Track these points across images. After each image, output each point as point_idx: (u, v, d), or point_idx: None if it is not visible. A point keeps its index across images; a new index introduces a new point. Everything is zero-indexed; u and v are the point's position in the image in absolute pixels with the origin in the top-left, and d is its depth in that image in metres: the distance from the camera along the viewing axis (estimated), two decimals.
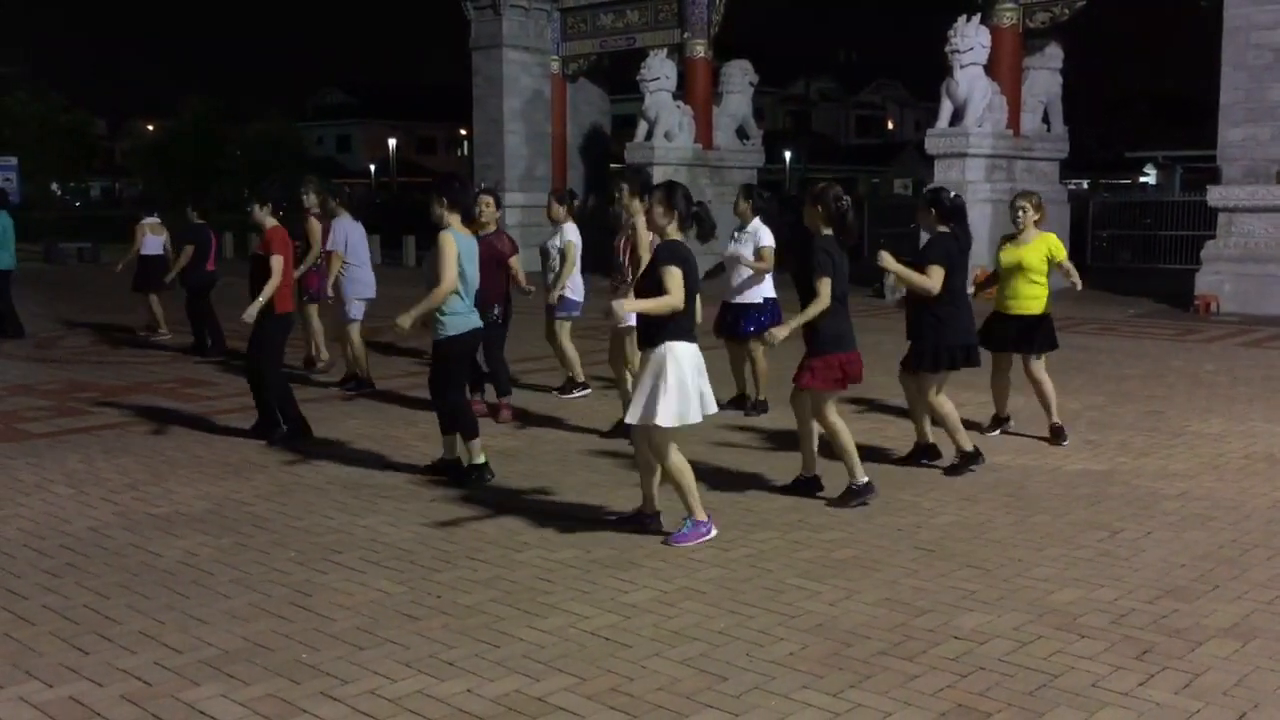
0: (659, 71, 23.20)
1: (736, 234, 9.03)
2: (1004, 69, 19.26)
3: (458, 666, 4.34)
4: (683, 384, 5.59)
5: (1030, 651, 4.44)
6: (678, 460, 5.78)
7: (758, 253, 8.77)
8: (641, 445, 5.90)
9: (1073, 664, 4.32)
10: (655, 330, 5.65)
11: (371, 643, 4.58)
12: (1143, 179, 43.27)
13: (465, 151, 57.29)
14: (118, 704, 4.04)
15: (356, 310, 10.35)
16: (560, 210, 9.66)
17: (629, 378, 7.84)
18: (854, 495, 6.42)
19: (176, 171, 43.60)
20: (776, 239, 8.88)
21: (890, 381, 8.43)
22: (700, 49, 24.01)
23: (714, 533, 5.87)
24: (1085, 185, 39.75)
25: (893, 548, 5.76)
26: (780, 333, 6.36)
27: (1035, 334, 7.98)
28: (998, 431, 8.30)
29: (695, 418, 5.70)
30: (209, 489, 7.02)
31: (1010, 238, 8.06)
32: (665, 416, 5.57)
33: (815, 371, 6.31)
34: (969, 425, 7.58)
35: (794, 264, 6.49)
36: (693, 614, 4.86)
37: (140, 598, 5.12)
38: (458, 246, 6.79)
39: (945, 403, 7.15)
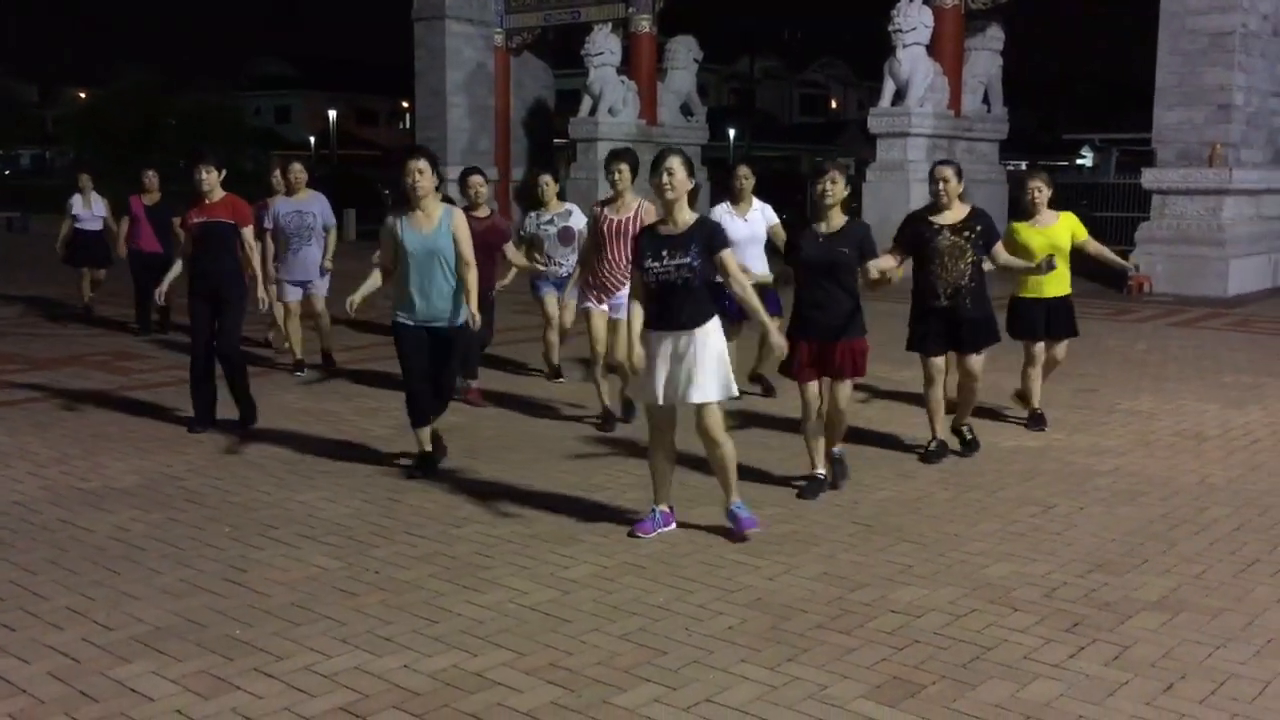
0: (603, 46, 23.08)
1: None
2: (946, 49, 19.43)
3: (395, 642, 4.31)
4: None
5: (964, 625, 4.50)
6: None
7: (772, 229, 8.26)
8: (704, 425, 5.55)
9: (1005, 637, 4.39)
10: (710, 309, 5.45)
11: (307, 619, 4.53)
12: (1079, 161, 43.87)
13: (407, 124, 56.63)
14: (44, 681, 3.96)
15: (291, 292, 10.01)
16: (555, 190, 9.17)
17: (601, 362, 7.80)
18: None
19: (112, 141, 42.57)
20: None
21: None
22: (645, 24, 23.92)
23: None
24: (1024, 166, 40.21)
25: (831, 523, 5.81)
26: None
27: (1067, 316, 7.84)
28: (1044, 428, 7.82)
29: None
30: (141, 463, 6.89)
31: (1022, 220, 7.78)
32: (734, 387, 5.55)
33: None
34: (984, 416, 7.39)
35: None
36: (632, 589, 4.87)
37: (69, 573, 5.01)
38: None
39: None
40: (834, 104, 70.23)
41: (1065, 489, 6.46)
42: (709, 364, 5.37)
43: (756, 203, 8.28)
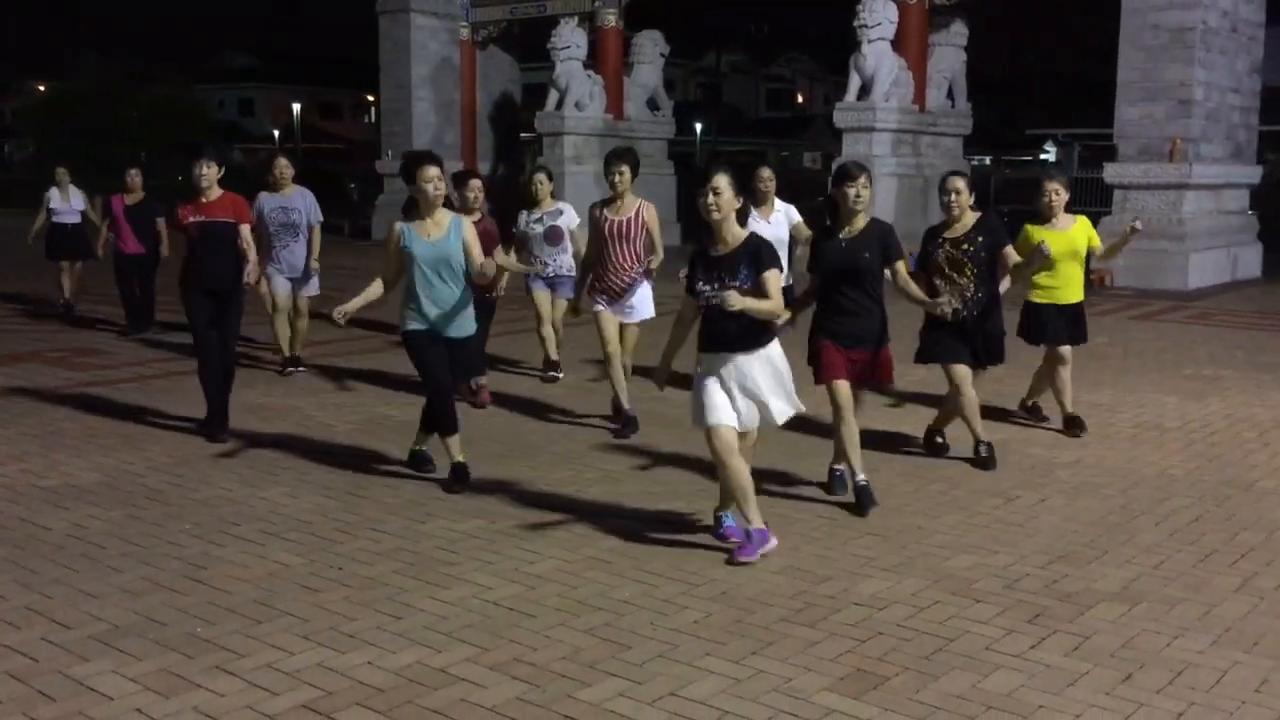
0: (570, 40, 23.02)
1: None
2: (911, 45, 19.51)
3: (358, 639, 4.29)
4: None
5: (927, 616, 4.53)
6: None
7: (795, 228, 8.17)
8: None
9: (968, 628, 4.42)
10: (765, 331, 5.18)
11: (269, 616, 4.49)
12: (1043, 156, 44.22)
13: (372, 118, 56.26)
14: (3, 680, 3.90)
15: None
16: (549, 188, 9.01)
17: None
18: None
19: (74, 134, 42.03)
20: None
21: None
22: (611, 18, 23.87)
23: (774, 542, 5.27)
24: (988, 161, 40.50)
25: (795, 516, 5.83)
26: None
27: (1083, 322, 7.74)
28: (1082, 433, 7.63)
29: None
30: (100, 460, 6.82)
31: (1037, 222, 7.46)
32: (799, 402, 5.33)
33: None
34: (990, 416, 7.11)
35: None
36: (597, 584, 4.86)
37: (27, 572, 4.95)
38: None
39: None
40: (800, 99, 70.44)
41: (1027, 481, 6.51)
42: (774, 383, 5.17)
43: (779, 203, 8.13)
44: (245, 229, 7.51)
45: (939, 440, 7.18)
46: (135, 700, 3.78)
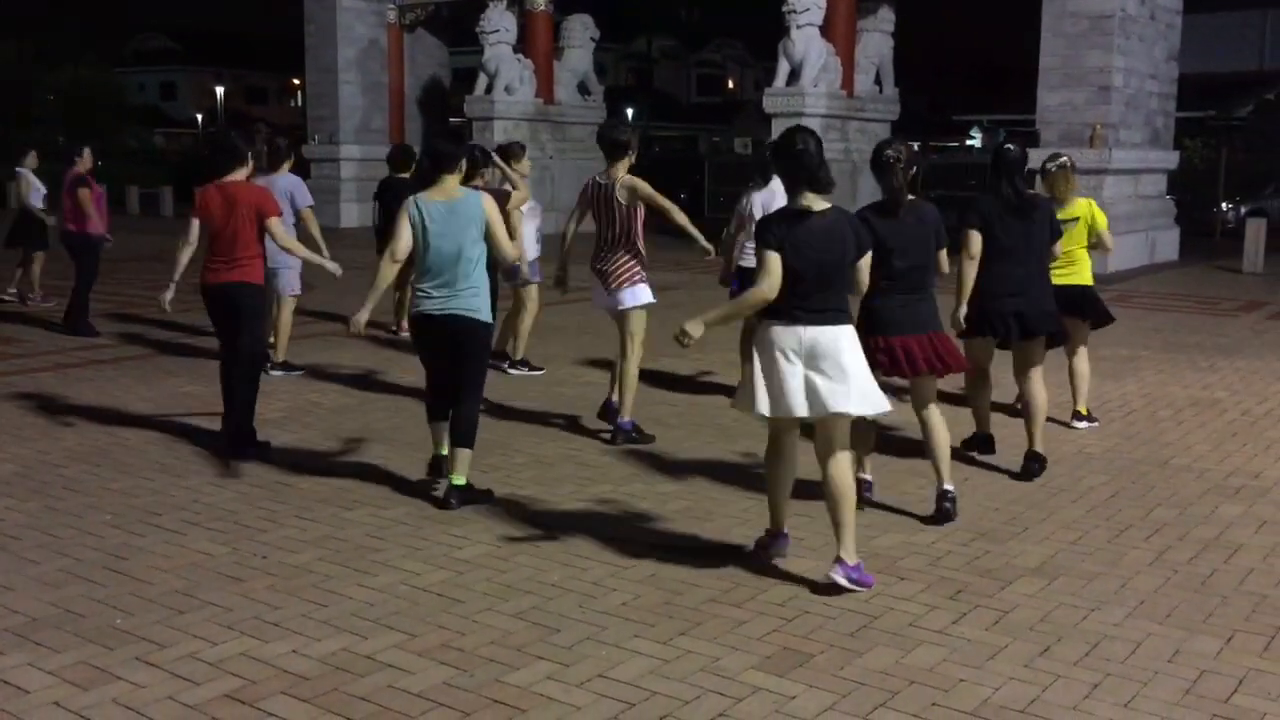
0: (499, 24, 22.86)
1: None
2: (838, 30, 19.66)
3: (283, 627, 4.24)
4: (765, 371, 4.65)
5: (853, 595, 4.59)
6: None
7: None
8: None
9: (892, 605, 4.49)
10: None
11: (191, 605, 4.43)
12: (969, 142, 44.86)
13: (299, 102, 55.36)
14: None
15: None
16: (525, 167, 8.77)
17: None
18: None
19: None
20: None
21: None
22: (541, 2, 23.73)
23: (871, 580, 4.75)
24: (915, 147, 41.01)
25: (724, 498, 5.87)
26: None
27: (1092, 302, 7.41)
28: (1095, 423, 7.55)
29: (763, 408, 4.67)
30: (16, 450, 6.65)
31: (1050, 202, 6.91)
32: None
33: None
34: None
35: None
36: (525, 568, 4.86)
37: None
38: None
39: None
40: (731, 84, 70.59)
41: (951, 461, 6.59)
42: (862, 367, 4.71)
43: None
44: (279, 223, 6.90)
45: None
46: (53, 693, 3.71)
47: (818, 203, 4.56)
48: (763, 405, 4.62)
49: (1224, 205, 23.91)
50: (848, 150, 19.96)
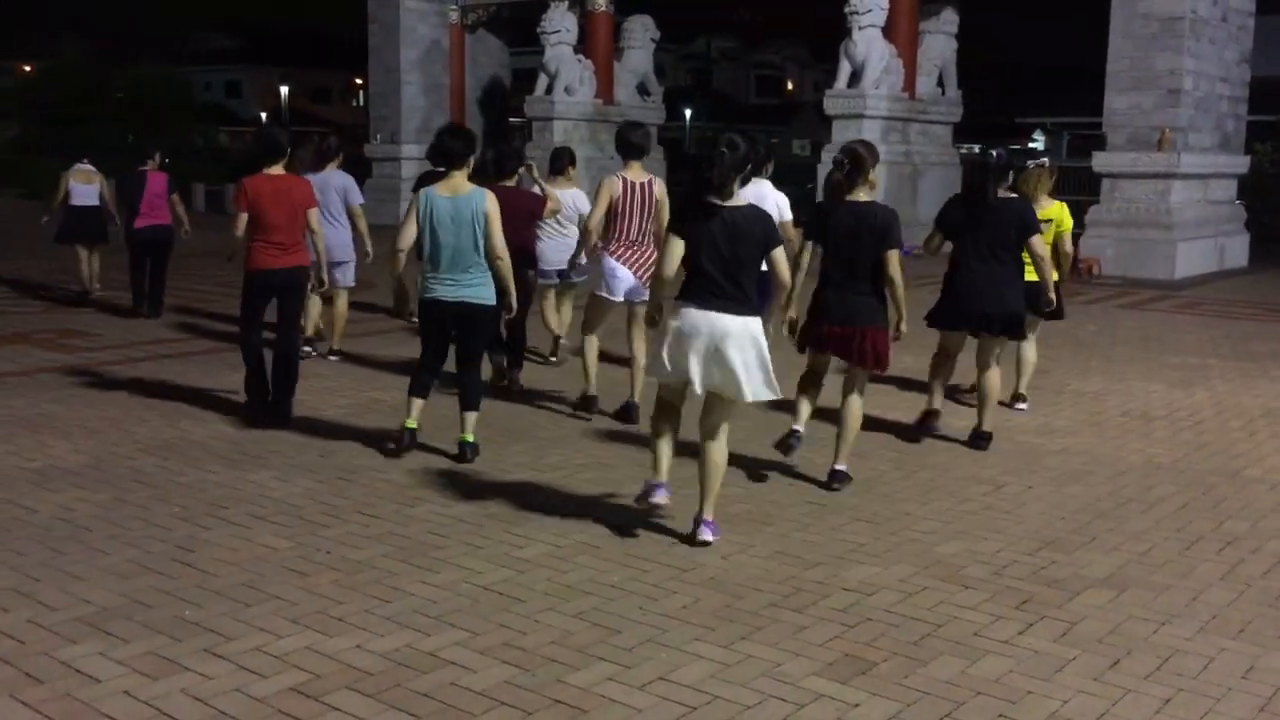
0: (560, 24, 22.94)
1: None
2: (901, 32, 19.51)
3: (347, 622, 4.28)
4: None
5: (915, 602, 4.54)
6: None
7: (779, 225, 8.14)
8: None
9: (956, 614, 4.43)
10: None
11: (257, 599, 4.48)
12: (1031, 145, 44.25)
13: (361, 101, 55.98)
14: None
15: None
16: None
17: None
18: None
19: (53, 115, 41.68)
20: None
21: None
22: (602, 3, 23.78)
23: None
24: (977, 149, 40.57)
25: (784, 502, 5.83)
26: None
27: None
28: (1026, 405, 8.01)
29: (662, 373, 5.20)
30: (87, 443, 6.78)
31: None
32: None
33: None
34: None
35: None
36: (586, 568, 4.86)
37: (13, 554, 4.92)
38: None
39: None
40: (790, 85, 70.32)
41: (1015, 468, 6.53)
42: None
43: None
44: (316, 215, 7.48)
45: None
46: (123, 683, 3.77)
47: (725, 199, 5.03)
48: (661, 370, 5.16)
49: None
50: (909, 153, 19.80)
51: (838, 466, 6.10)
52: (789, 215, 7.95)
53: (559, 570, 4.84)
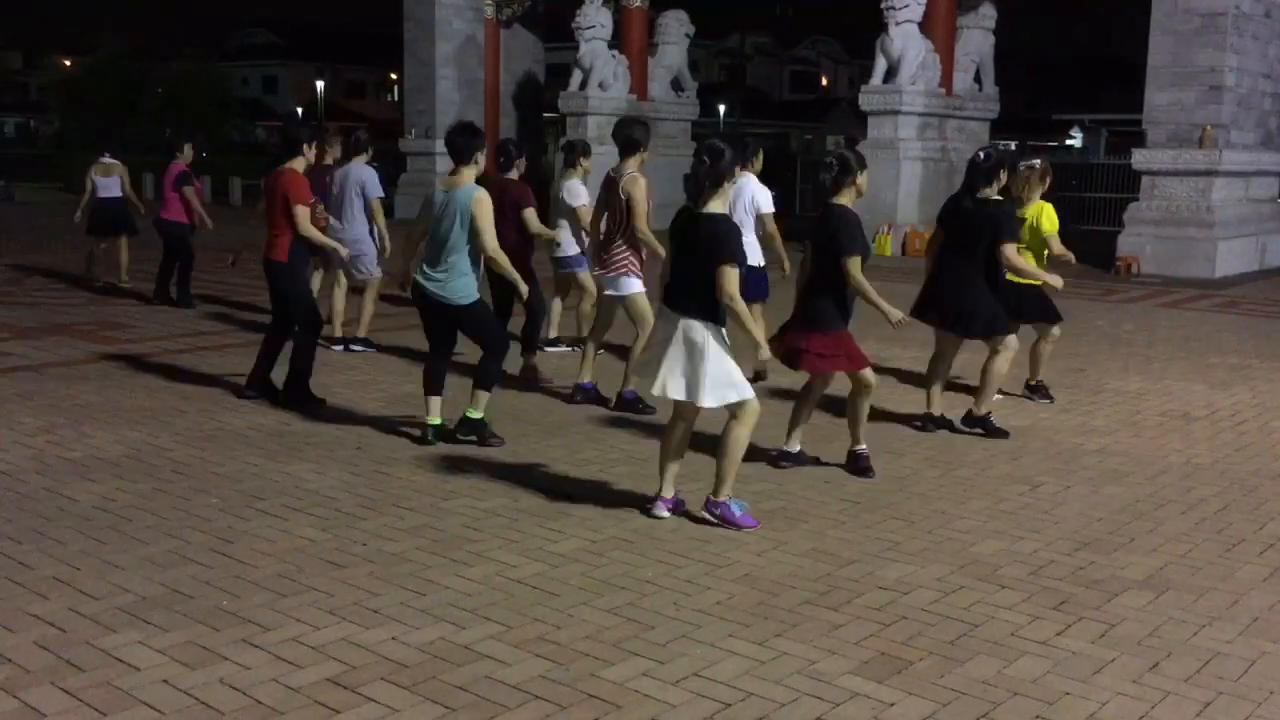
0: (595, 20, 22.94)
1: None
2: (938, 27, 19.35)
3: (383, 614, 4.30)
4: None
5: (952, 601, 4.51)
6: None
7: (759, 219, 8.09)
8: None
9: (993, 614, 4.40)
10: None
11: (294, 590, 4.51)
12: (1069, 141, 43.85)
13: (395, 97, 56.27)
14: (31, 650, 3.94)
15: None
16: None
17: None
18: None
19: (93, 110, 42.18)
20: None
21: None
22: None
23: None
24: (1013, 146, 40.20)
25: (819, 499, 5.81)
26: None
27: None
28: (1042, 399, 8.09)
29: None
30: (127, 433, 6.85)
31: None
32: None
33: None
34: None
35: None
36: (620, 563, 4.86)
37: (54, 543, 4.99)
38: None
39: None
40: (824, 81, 70.03)
41: (1053, 468, 6.47)
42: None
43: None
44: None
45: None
46: (162, 671, 3.80)
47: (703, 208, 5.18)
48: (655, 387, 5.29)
49: None
50: (945, 150, 19.65)
51: (857, 448, 6.31)
52: (768, 208, 8.02)
53: (593, 565, 4.84)
